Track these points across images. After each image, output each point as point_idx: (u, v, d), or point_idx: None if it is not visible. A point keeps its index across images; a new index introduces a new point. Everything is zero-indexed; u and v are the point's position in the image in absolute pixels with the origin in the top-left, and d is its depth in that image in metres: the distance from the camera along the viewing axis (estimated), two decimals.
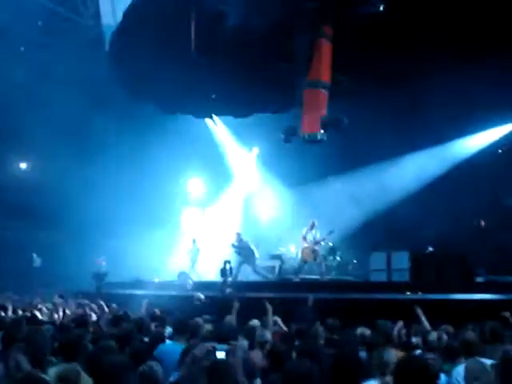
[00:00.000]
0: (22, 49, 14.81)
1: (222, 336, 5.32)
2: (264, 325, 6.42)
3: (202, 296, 9.58)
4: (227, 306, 7.38)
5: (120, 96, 13.66)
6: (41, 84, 14.53)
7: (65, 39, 14.68)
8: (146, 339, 5.54)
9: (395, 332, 6.09)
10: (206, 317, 6.79)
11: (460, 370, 4.16)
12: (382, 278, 11.36)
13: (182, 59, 10.92)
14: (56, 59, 14.30)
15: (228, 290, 10.93)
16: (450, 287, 9.49)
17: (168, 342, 5.63)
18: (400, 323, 6.32)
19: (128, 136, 16.44)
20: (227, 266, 11.02)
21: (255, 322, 6.30)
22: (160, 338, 5.55)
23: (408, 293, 9.74)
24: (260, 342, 5.34)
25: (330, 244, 14.36)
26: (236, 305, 7.23)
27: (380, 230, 14.57)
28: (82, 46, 14.34)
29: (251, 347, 5.37)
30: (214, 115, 15.36)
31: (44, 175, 16.92)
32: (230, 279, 11.19)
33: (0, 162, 17.30)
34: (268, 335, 5.49)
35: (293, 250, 15.01)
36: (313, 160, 14.56)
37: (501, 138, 14.59)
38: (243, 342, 5.50)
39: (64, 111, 14.74)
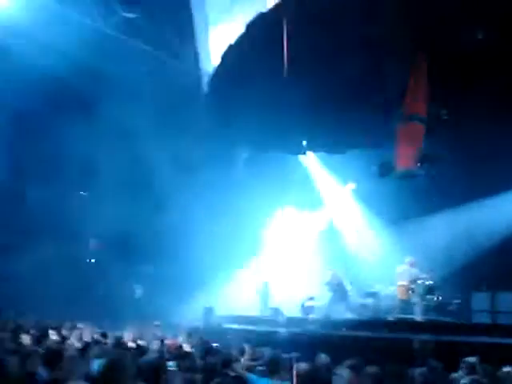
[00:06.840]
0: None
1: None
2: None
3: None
4: (310, 344, 7.23)
5: (215, 137, 14.06)
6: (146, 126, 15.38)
7: (165, 83, 15.42)
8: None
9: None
10: (295, 354, 6.67)
11: None
12: (486, 320, 10.66)
13: (276, 99, 11.15)
14: (158, 103, 15.06)
15: (311, 327, 10.66)
16: None
17: (261, 379, 5.61)
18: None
19: (222, 176, 16.76)
20: (306, 304, 10.82)
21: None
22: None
23: None
24: None
25: (429, 282, 13.70)
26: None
27: (484, 269, 13.70)
28: (180, 89, 15.01)
29: None
30: (307, 151, 15.40)
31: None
32: (312, 316, 10.92)
33: None
34: None
35: (389, 288, 14.50)
36: (411, 195, 14.12)
37: None
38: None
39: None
